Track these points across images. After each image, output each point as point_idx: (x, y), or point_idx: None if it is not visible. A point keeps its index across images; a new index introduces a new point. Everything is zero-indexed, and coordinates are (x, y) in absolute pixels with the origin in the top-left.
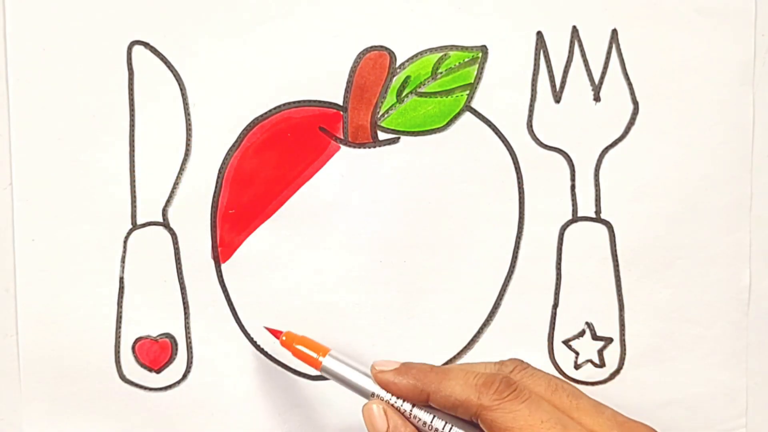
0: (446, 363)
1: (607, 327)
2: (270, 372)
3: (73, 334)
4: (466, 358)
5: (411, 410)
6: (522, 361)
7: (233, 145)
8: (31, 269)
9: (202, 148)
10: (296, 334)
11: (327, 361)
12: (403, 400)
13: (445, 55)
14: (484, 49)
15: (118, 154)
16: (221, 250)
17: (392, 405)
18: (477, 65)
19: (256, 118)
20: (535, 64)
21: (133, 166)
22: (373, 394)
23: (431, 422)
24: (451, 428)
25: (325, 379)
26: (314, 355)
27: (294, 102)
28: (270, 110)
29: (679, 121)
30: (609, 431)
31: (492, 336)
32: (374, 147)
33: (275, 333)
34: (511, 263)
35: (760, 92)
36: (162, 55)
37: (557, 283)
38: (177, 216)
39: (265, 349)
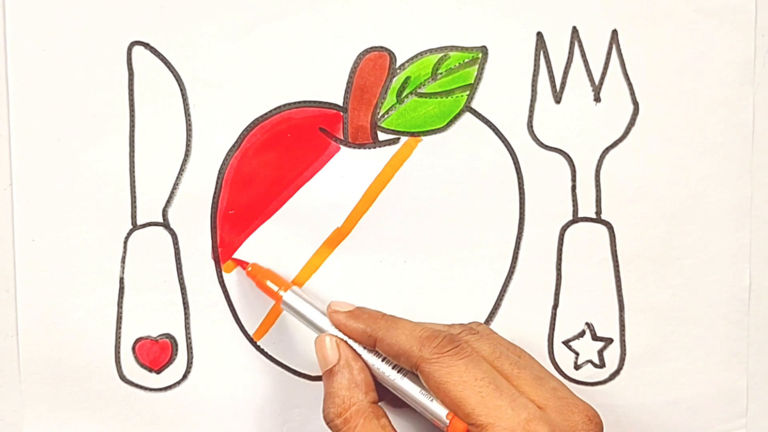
0: None
1: (607, 327)
2: (270, 372)
3: (73, 334)
4: None
5: (361, 353)
6: (478, 326)
7: (233, 146)
8: (31, 269)
9: (202, 148)
10: (262, 266)
11: (287, 296)
12: (356, 342)
13: (445, 55)
14: (484, 49)
15: (118, 154)
16: (221, 251)
17: (345, 342)
18: (477, 66)
19: (256, 119)
20: (535, 65)
21: (133, 166)
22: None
23: (380, 366)
24: (398, 373)
25: None
26: (276, 288)
27: (294, 103)
28: (270, 111)
29: (679, 121)
30: (544, 402)
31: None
32: (374, 147)
33: (241, 264)
34: (511, 263)
35: (760, 92)
36: (162, 55)
37: (557, 284)
38: (177, 216)
39: (265, 349)
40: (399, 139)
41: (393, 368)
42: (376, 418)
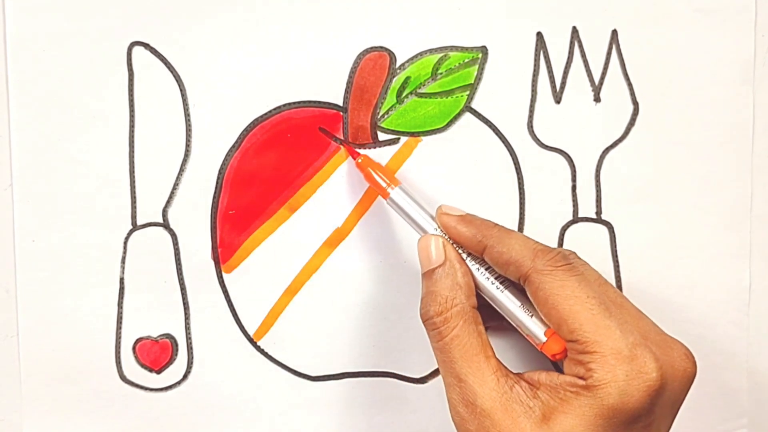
0: None
1: None
2: (270, 372)
3: (73, 334)
4: None
5: (465, 258)
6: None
7: (233, 146)
8: (31, 270)
9: (202, 148)
10: (372, 159)
11: (395, 193)
12: (460, 247)
13: (445, 55)
14: (484, 49)
15: (118, 154)
16: (221, 251)
17: (450, 244)
18: (477, 66)
19: (256, 119)
20: (535, 65)
21: (133, 167)
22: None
23: (480, 275)
24: (497, 285)
25: (325, 379)
26: (384, 184)
27: (294, 103)
28: (270, 111)
29: (679, 121)
30: (647, 335)
31: (492, 336)
32: (374, 148)
33: (352, 153)
34: None
35: (760, 92)
36: (162, 55)
37: None
38: (177, 217)
39: (265, 350)
40: (399, 139)
41: (496, 279)
42: (474, 324)
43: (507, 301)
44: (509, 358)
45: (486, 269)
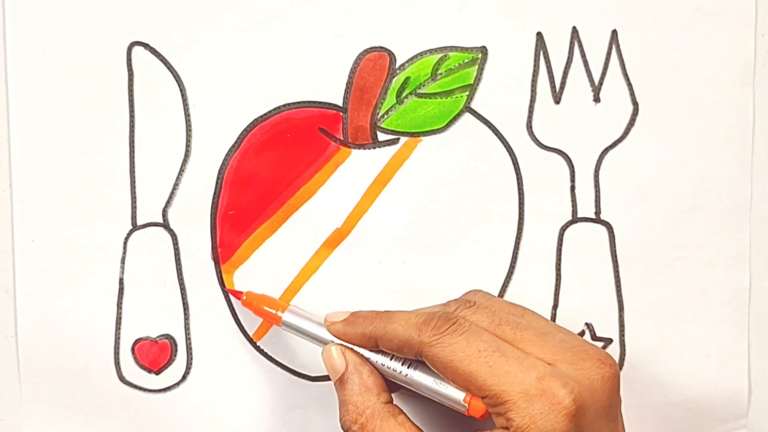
0: None
1: (607, 327)
2: (270, 372)
3: (72, 334)
4: None
5: (368, 356)
6: (474, 295)
7: (233, 146)
8: (31, 270)
9: (202, 148)
10: (256, 293)
11: (286, 316)
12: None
13: (445, 56)
14: (484, 49)
15: (118, 154)
16: (221, 251)
17: (350, 348)
18: (477, 66)
19: (256, 119)
20: (535, 65)
21: (133, 167)
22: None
23: (388, 364)
24: (408, 368)
25: (324, 379)
26: (273, 311)
27: (294, 103)
28: (270, 111)
29: (679, 122)
30: (553, 357)
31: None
32: (374, 148)
33: (236, 294)
34: (511, 264)
35: (760, 92)
36: (162, 55)
37: (557, 284)
38: (177, 217)
39: (265, 350)
40: (399, 139)
41: (402, 364)
42: (392, 417)
43: (420, 380)
44: (445, 414)
45: (390, 358)
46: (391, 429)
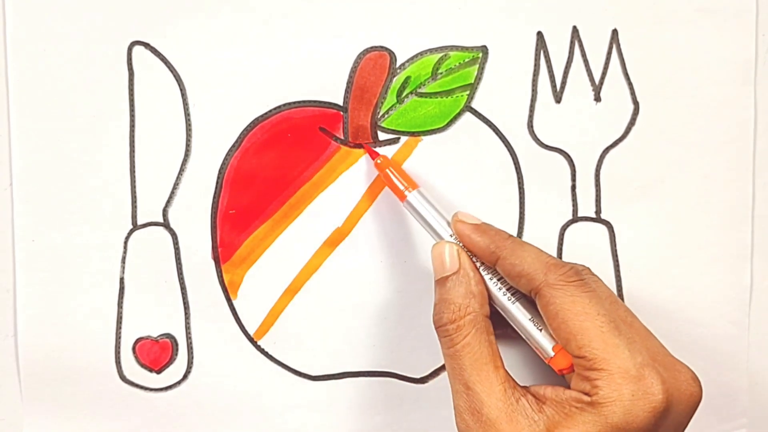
0: None
1: None
2: (270, 372)
3: (73, 334)
4: None
5: (479, 267)
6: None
7: (233, 146)
8: (31, 269)
9: (202, 148)
10: (391, 160)
11: (411, 197)
12: (473, 256)
13: (445, 55)
14: (484, 49)
15: (118, 154)
16: (221, 251)
17: (465, 252)
18: (477, 65)
19: (256, 119)
20: (535, 64)
21: (133, 166)
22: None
23: (491, 285)
24: (509, 296)
25: (325, 379)
26: (401, 186)
27: (294, 102)
28: (270, 110)
29: (679, 121)
30: (655, 356)
31: (499, 345)
32: (374, 147)
33: (372, 152)
34: None
35: (761, 92)
36: (162, 55)
37: None
38: (177, 216)
39: (265, 349)
40: (399, 139)
41: (507, 290)
42: (486, 333)
43: (518, 313)
44: (514, 369)
45: (498, 280)
46: (482, 343)
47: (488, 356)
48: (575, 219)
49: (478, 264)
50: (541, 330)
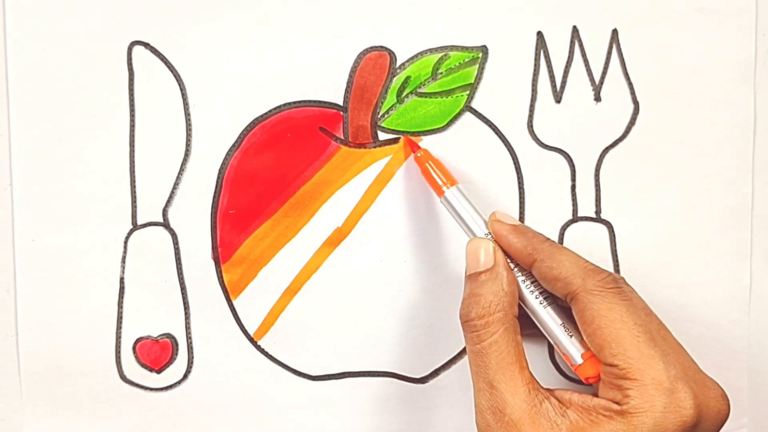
0: (447, 363)
1: None
2: (270, 372)
3: (73, 334)
4: (467, 359)
5: (513, 268)
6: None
7: (233, 146)
8: (31, 269)
9: (202, 148)
10: (432, 155)
11: (449, 193)
12: (508, 256)
13: (446, 55)
14: (484, 49)
15: (118, 154)
16: (221, 251)
17: (501, 250)
18: (477, 65)
19: (256, 119)
20: (535, 64)
21: (133, 166)
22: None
23: (524, 287)
24: (540, 300)
25: (325, 379)
26: (440, 182)
27: (294, 102)
28: (270, 110)
29: (679, 121)
30: (687, 372)
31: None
32: (374, 147)
33: (412, 146)
34: None
35: (761, 92)
36: (162, 55)
37: None
38: (177, 216)
39: (265, 349)
40: (399, 138)
41: (540, 294)
42: (514, 332)
43: (548, 317)
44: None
45: (531, 282)
46: (509, 342)
47: (514, 356)
48: (575, 219)
49: (511, 265)
50: (571, 337)
